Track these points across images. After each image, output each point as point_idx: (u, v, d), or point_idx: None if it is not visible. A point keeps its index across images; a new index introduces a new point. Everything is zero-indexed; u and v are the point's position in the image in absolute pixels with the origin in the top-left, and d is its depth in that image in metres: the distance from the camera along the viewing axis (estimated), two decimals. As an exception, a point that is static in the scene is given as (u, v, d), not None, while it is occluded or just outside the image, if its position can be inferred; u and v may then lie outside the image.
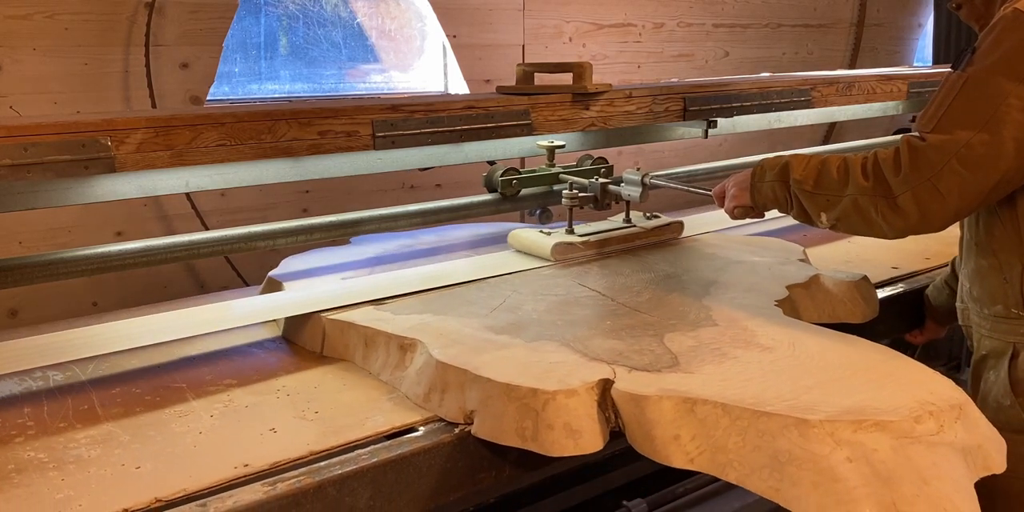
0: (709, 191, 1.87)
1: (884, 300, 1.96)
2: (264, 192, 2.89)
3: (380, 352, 1.60)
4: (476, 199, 2.30)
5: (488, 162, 2.35)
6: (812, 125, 3.78)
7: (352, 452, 1.31)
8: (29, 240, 2.51)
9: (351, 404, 1.48)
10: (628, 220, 2.25)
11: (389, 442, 1.34)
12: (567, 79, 2.23)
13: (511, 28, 3.54)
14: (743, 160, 2.92)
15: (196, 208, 2.79)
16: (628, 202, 2.20)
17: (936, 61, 5.01)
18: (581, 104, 2.22)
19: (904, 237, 1.56)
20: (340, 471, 1.25)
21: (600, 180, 2.21)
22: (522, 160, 3.14)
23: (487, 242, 2.34)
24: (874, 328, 1.86)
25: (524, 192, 2.32)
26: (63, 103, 2.50)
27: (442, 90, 3.56)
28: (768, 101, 2.64)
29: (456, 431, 1.37)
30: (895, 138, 3.54)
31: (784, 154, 1.70)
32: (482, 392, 1.35)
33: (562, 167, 2.35)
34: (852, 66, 4.88)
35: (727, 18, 4.28)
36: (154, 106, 2.64)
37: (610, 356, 1.44)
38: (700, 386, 1.31)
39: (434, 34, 3.46)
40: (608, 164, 2.41)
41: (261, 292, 2.05)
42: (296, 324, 1.77)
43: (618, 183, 2.18)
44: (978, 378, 1.74)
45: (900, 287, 2.11)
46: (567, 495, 2.24)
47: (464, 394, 1.38)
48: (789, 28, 4.58)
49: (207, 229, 2.58)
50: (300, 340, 1.77)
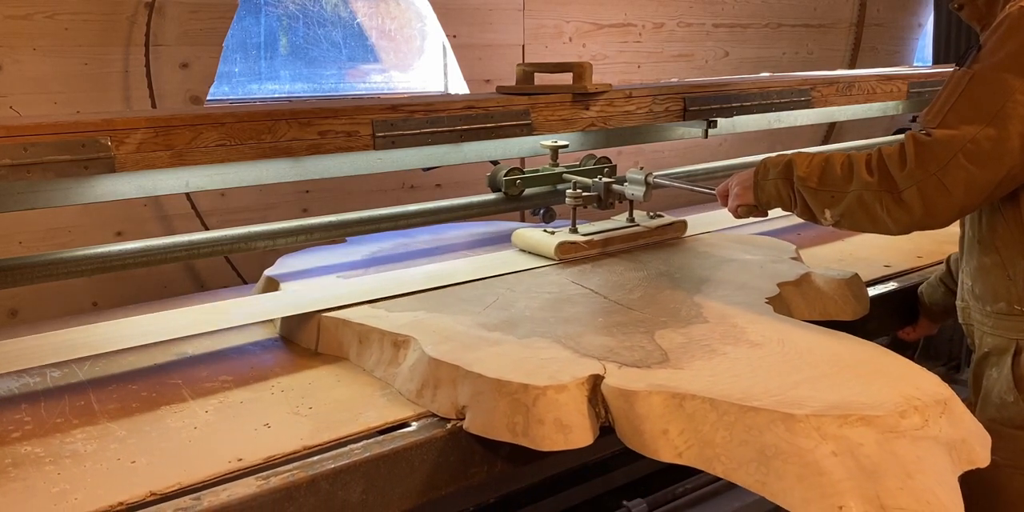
0: (713, 190, 1.88)
1: (876, 298, 1.97)
2: (264, 192, 2.90)
3: (374, 349, 1.61)
4: (480, 199, 2.32)
5: (491, 162, 2.36)
6: (812, 125, 3.78)
7: (345, 447, 1.32)
8: (29, 240, 2.52)
9: (345, 400, 1.50)
10: (631, 219, 2.27)
11: (382, 437, 1.36)
12: (567, 79, 2.24)
13: (511, 28, 3.54)
14: (746, 159, 2.93)
15: (196, 208, 2.80)
16: (632, 201, 2.22)
17: (936, 61, 5.01)
18: (581, 104, 2.23)
19: (909, 233, 1.57)
20: (333, 465, 1.26)
21: (604, 179, 2.23)
22: (522, 160, 3.15)
23: (484, 242, 2.35)
24: (865, 326, 1.87)
25: (528, 192, 2.34)
26: (63, 103, 2.50)
27: (442, 90, 3.56)
28: (768, 101, 2.65)
29: (448, 426, 1.39)
30: (898, 137, 3.54)
31: (786, 153, 1.71)
32: (474, 388, 1.37)
33: (565, 167, 2.37)
34: (852, 66, 4.88)
35: (727, 18, 4.28)
36: (154, 106, 2.65)
37: (601, 352, 1.46)
38: (689, 382, 1.33)
39: (434, 34, 3.47)
40: (611, 164, 2.43)
41: (257, 290, 2.06)
42: (292, 322, 1.79)
43: (622, 182, 2.20)
44: (980, 375, 1.75)
45: (892, 285, 2.12)
46: (567, 495, 2.25)
47: (456, 390, 1.40)
48: (789, 28, 4.58)
49: (207, 229, 2.59)
50: (296, 338, 1.78)
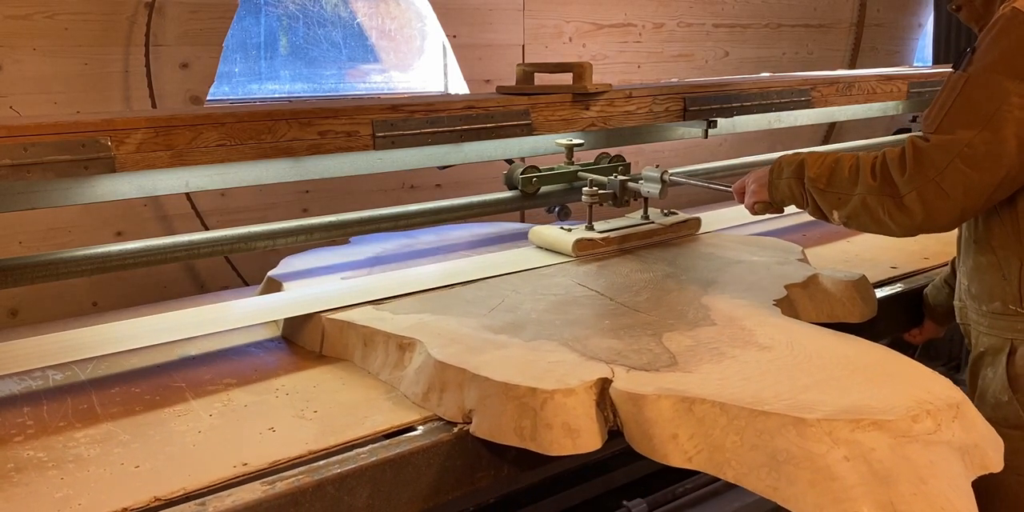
0: (729, 187, 1.90)
1: (883, 300, 1.96)
2: (264, 192, 2.89)
3: (379, 351, 1.60)
4: (496, 196, 2.33)
5: (506, 160, 2.38)
6: (812, 125, 3.78)
7: (351, 451, 1.31)
8: (29, 240, 2.50)
9: (350, 403, 1.49)
10: (646, 217, 2.28)
11: (388, 441, 1.35)
12: (567, 79, 2.24)
13: (511, 28, 3.54)
14: (760, 157, 2.93)
15: (196, 208, 2.79)
16: (646, 199, 2.24)
17: (936, 61, 5.01)
18: (581, 104, 2.23)
19: (913, 235, 1.59)
20: (339, 470, 1.25)
21: (619, 177, 2.24)
22: (522, 160, 3.13)
23: (487, 242, 2.34)
24: (873, 328, 1.86)
25: (543, 190, 2.35)
26: (63, 103, 2.49)
27: (442, 90, 3.55)
28: (768, 101, 2.65)
29: (455, 430, 1.38)
30: (900, 137, 3.54)
31: (802, 151, 1.73)
32: (481, 391, 1.35)
33: (580, 165, 2.38)
34: (852, 66, 4.87)
35: (727, 18, 4.27)
36: (154, 106, 2.64)
37: (608, 355, 1.45)
38: (698, 385, 1.32)
39: (434, 34, 3.46)
40: (625, 162, 2.44)
41: (260, 292, 2.05)
42: (296, 324, 1.77)
43: (637, 180, 2.21)
44: (976, 375, 1.75)
45: (899, 287, 2.12)
46: (567, 495, 2.24)
47: (463, 393, 1.39)
48: (789, 28, 4.58)
49: (207, 229, 2.58)
50: (299, 340, 1.77)
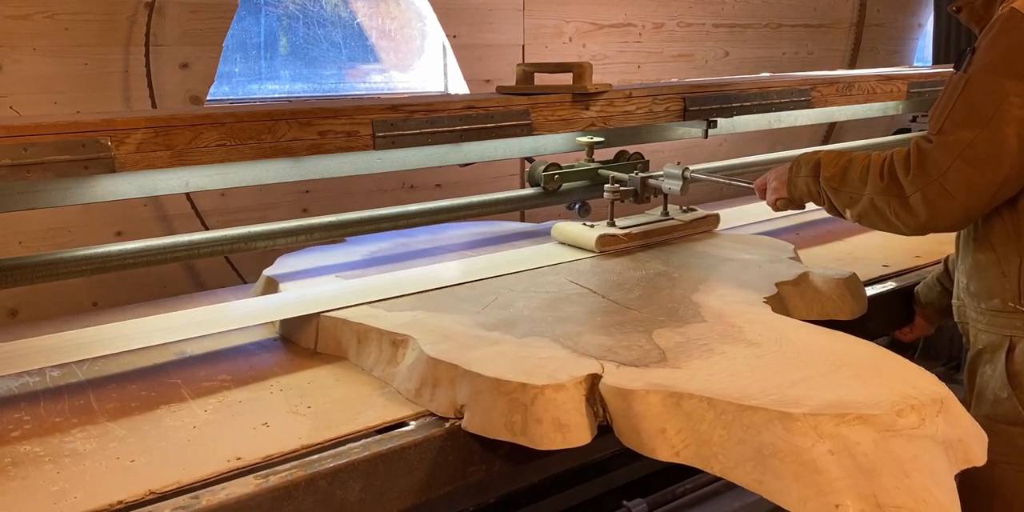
0: (750, 184, 1.93)
1: (874, 297, 1.98)
2: (264, 192, 2.90)
3: (373, 348, 1.61)
4: (519, 193, 2.38)
5: (526, 159, 2.42)
6: (812, 125, 3.79)
7: (344, 446, 1.33)
8: (29, 240, 2.52)
9: (343, 399, 1.50)
10: (666, 213, 2.32)
11: (380, 436, 1.36)
12: (567, 79, 2.25)
13: (511, 28, 3.55)
14: (781, 155, 2.94)
15: (196, 208, 2.80)
16: (666, 195, 2.28)
17: (936, 61, 5.01)
18: (581, 104, 2.24)
19: (922, 234, 1.64)
20: (332, 464, 1.27)
21: (640, 174, 2.27)
22: (522, 161, 3.15)
23: (483, 242, 2.36)
24: (864, 325, 1.87)
25: (564, 187, 2.39)
26: (63, 103, 2.51)
27: (442, 90, 3.56)
28: (768, 101, 2.66)
29: (447, 425, 1.39)
30: (902, 137, 3.55)
31: (821, 149, 1.78)
32: (472, 387, 1.37)
33: (600, 162, 2.41)
34: (852, 66, 4.88)
35: (727, 18, 4.28)
36: (154, 106, 2.65)
37: (599, 352, 1.46)
38: (686, 381, 1.33)
39: (434, 34, 3.47)
40: (645, 159, 2.47)
41: (256, 290, 2.06)
42: (291, 322, 1.79)
43: (657, 177, 2.24)
44: (974, 373, 1.76)
45: (890, 284, 2.13)
46: (567, 495, 2.25)
47: (455, 389, 1.40)
48: (789, 28, 4.58)
49: (207, 229, 2.60)
50: (295, 338, 1.78)
